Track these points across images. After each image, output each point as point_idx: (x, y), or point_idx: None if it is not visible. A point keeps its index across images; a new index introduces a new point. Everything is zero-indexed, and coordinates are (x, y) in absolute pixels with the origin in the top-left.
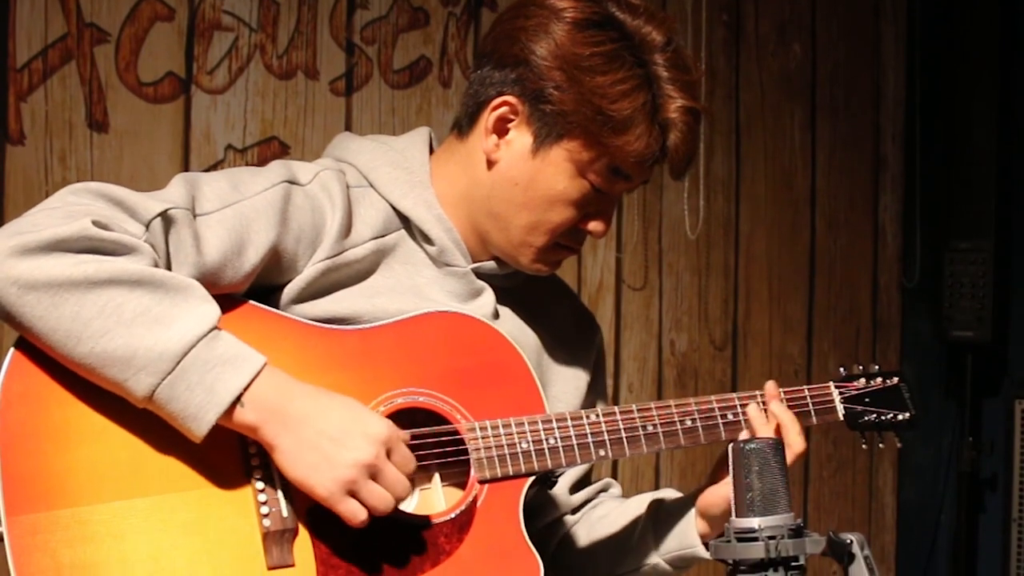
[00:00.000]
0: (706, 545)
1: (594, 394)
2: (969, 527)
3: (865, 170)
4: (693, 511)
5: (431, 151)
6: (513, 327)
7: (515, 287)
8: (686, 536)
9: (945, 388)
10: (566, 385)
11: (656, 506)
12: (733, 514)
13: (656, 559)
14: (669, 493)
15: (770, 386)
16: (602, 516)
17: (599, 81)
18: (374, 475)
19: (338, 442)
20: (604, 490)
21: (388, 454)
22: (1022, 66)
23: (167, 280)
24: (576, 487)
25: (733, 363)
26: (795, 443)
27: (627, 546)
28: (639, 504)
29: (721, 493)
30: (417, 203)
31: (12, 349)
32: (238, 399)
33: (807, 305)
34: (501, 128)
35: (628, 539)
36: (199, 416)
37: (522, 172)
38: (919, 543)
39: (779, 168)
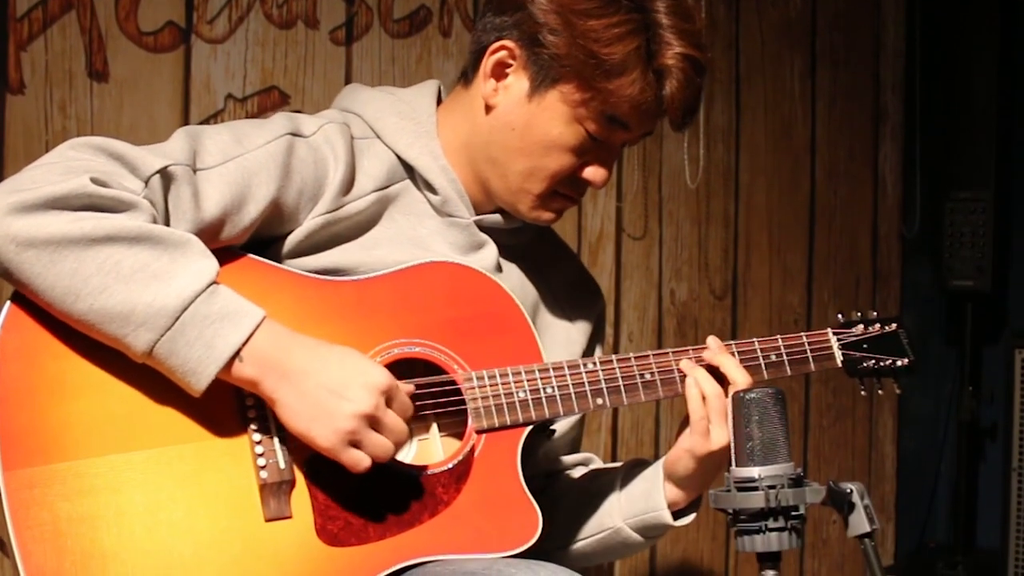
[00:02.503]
0: (675, 515)
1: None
2: (969, 476)
3: (865, 120)
4: (661, 474)
5: (440, 102)
6: (514, 283)
7: (519, 244)
8: (651, 498)
9: (945, 338)
10: (559, 348)
11: (625, 470)
12: (733, 463)
13: (619, 522)
14: (642, 460)
15: (711, 341)
16: (565, 486)
17: (592, 24)
18: (375, 424)
19: (338, 393)
20: (584, 464)
21: (388, 402)
22: (1022, 16)
23: (165, 236)
24: (564, 452)
25: (733, 312)
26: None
27: (590, 510)
28: (606, 469)
29: (683, 447)
30: (423, 152)
31: (8, 302)
32: (237, 354)
33: (807, 255)
34: (499, 73)
35: (592, 503)
36: (198, 371)
37: (519, 117)
38: (919, 492)
39: (779, 118)
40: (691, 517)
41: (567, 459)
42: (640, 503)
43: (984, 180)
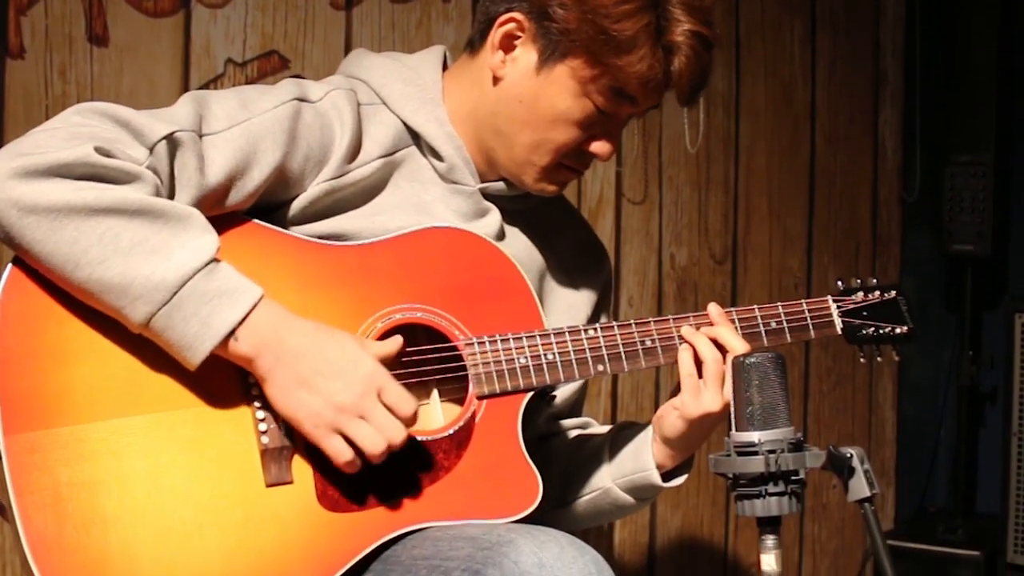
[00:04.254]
0: (666, 476)
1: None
2: (969, 441)
3: (865, 85)
4: (650, 435)
5: (445, 69)
6: (518, 249)
7: (524, 210)
8: (639, 457)
9: (945, 302)
10: (563, 315)
11: (615, 432)
12: (733, 428)
13: (609, 483)
14: (633, 422)
15: (711, 308)
16: (560, 446)
17: (603, 0)
18: (363, 416)
19: (328, 380)
20: (581, 427)
21: (380, 394)
22: None
23: (167, 210)
24: (565, 415)
25: (733, 277)
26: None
27: (581, 470)
28: (601, 432)
29: (673, 405)
30: (429, 119)
31: (10, 265)
32: (233, 332)
33: (807, 219)
34: (507, 45)
35: (583, 463)
36: (194, 346)
37: (526, 89)
38: (919, 457)
39: (779, 83)
40: (681, 479)
41: (566, 423)
42: (629, 463)
43: (984, 144)
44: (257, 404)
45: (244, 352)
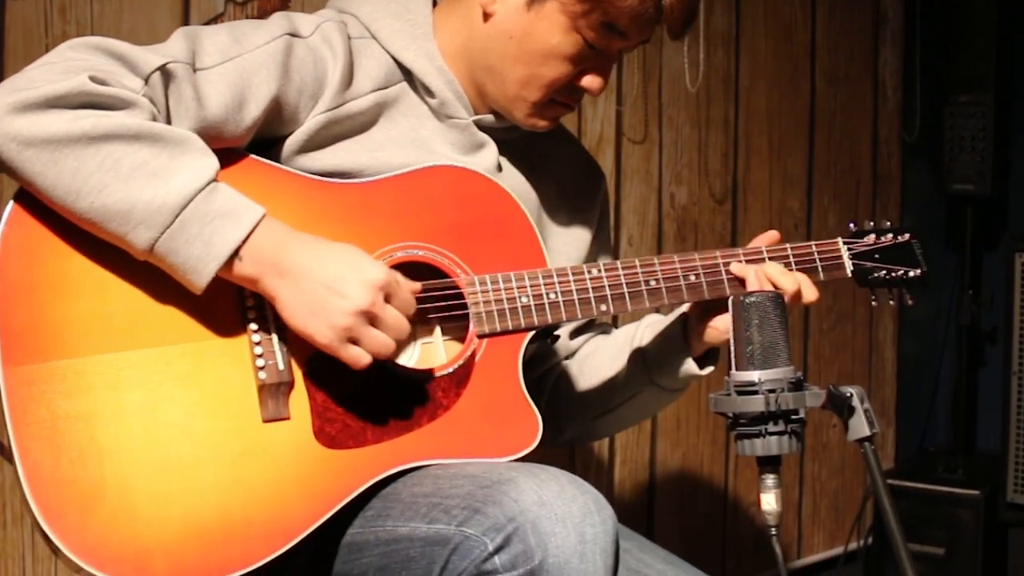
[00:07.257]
0: (697, 361)
1: (598, 245)
2: (969, 380)
3: (865, 25)
4: (680, 328)
5: (434, 4)
6: (515, 181)
7: (517, 140)
8: (678, 357)
9: (945, 241)
10: (568, 238)
11: (647, 332)
12: (733, 367)
13: (650, 382)
14: (656, 318)
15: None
16: (590, 353)
17: None
18: (373, 321)
19: (335, 291)
20: (604, 334)
21: (388, 299)
22: None
23: (165, 133)
24: (577, 332)
25: (733, 216)
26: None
27: (618, 378)
28: (627, 334)
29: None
30: (419, 55)
31: (11, 202)
32: (236, 252)
33: (807, 159)
34: None
35: (619, 372)
36: (198, 268)
37: (517, 25)
38: (919, 396)
39: (779, 22)
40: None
41: (582, 338)
42: (668, 365)
43: (984, 84)
44: (255, 339)
45: (248, 272)
